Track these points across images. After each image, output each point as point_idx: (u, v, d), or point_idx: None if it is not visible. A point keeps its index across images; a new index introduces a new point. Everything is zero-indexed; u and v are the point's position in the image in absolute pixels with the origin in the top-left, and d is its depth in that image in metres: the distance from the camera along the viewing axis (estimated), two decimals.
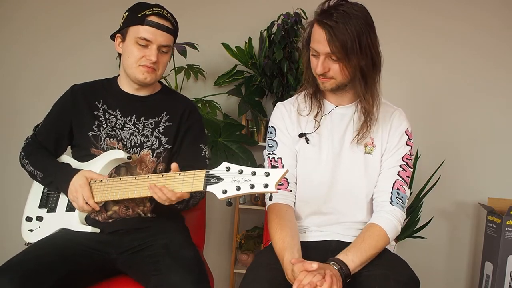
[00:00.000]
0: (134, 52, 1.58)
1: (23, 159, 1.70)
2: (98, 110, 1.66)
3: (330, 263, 1.35)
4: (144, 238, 1.58)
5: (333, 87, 1.48)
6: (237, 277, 2.83)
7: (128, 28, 1.59)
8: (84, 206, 1.54)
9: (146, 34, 1.56)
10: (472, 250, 2.90)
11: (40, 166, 1.64)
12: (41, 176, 1.63)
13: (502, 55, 2.86)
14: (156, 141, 1.65)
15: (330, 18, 1.39)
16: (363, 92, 1.47)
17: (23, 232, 1.66)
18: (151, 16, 1.57)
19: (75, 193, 1.54)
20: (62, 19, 2.91)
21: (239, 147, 2.65)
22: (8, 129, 2.87)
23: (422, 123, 2.84)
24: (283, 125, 1.58)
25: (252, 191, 1.25)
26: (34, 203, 1.68)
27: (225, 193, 1.27)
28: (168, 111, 1.69)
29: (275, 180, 1.23)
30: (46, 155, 1.68)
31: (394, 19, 2.85)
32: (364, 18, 1.41)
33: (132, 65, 1.60)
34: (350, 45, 1.38)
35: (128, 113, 1.66)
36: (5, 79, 2.93)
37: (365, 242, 1.41)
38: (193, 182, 1.36)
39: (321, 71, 1.45)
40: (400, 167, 1.52)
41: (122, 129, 1.64)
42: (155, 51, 1.57)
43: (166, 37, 1.59)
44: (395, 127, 1.55)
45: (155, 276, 1.43)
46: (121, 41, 1.64)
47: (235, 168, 1.28)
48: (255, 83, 2.75)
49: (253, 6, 2.90)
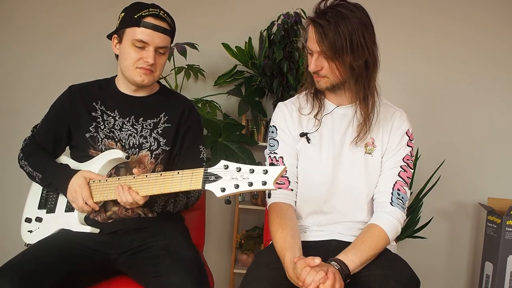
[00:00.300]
0: (131, 54, 1.57)
1: (21, 160, 1.69)
2: (96, 111, 1.65)
3: (331, 262, 1.35)
4: (143, 238, 1.58)
5: (328, 86, 1.49)
6: (237, 277, 2.83)
7: (125, 29, 1.58)
8: (83, 206, 1.54)
9: (143, 36, 1.55)
10: (472, 250, 2.90)
11: (39, 167, 1.64)
12: (40, 177, 1.63)
13: (502, 55, 2.87)
14: (154, 142, 1.64)
15: (323, 18, 1.40)
16: (359, 93, 1.48)
17: (23, 233, 1.66)
18: (148, 17, 1.55)
19: (74, 193, 1.54)
20: (62, 19, 2.91)
21: (239, 147, 2.65)
22: (8, 129, 2.87)
23: (422, 123, 2.84)
24: (284, 124, 1.58)
25: (251, 188, 1.25)
26: (33, 204, 1.68)
27: (224, 191, 1.27)
28: (166, 111, 1.68)
29: (273, 177, 1.23)
30: (45, 156, 1.68)
31: (394, 19, 2.86)
32: (359, 18, 1.41)
33: (129, 67, 1.59)
34: (339, 45, 1.39)
35: (126, 114, 1.66)
36: (5, 79, 2.92)
37: (365, 242, 1.41)
38: (192, 181, 1.36)
39: (313, 69, 1.47)
40: (401, 168, 1.52)
41: (120, 130, 1.64)
42: (152, 53, 1.56)
43: (163, 38, 1.58)
44: (396, 127, 1.55)
45: (155, 278, 1.42)
46: (117, 42, 1.62)
47: (233, 166, 1.28)
48: (255, 83, 2.75)
49: (253, 6, 2.90)
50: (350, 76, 1.45)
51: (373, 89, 1.49)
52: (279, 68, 2.66)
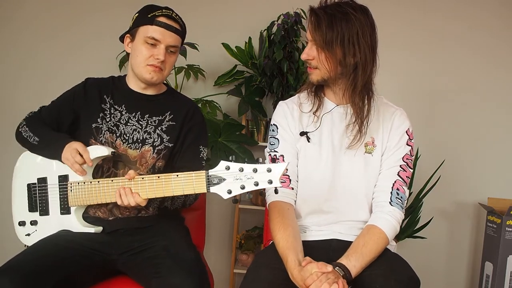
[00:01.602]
0: (143, 51, 1.62)
1: (23, 127, 1.71)
2: (105, 104, 1.69)
3: (335, 268, 1.34)
4: (144, 239, 1.58)
5: (319, 79, 1.50)
6: (237, 277, 2.83)
7: (138, 28, 1.63)
8: (77, 157, 1.55)
9: (155, 34, 1.60)
10: (472, 250, 2.90)
11: (39, 133, 1.66)
12: (38, 140, 1.65)
13: (502, 55, 2.87)
14: (158, 139, 1.67)
15: (323, 9, 1.44)
16: (351, 93, 1.48)
17: (21, 237, 1.66)
18: (161, 17, 1.61)
19: (69, 147, 1.56)
20: (62, 19, 2.91)
21: (239, 147, 2.65)
22: (7, 129, 2.86)
23: (423, 123, 2.85)
24: (285, 122, 1.58)
25: (257, 188, 1.27)
26: (22, 207, 1.67)
27: (230, 193, 1.29)
28: (172, 111, 1.72)
29: (278, 175, 1.26)
30: (47, 126, 1.69)
31: (393, 19, 2.86)
32: (359, 19, 1.42)
33: (140, 64, 1.64)
34: (330, 37, 1.41)
35: (133, 109, 1.69)
36: (5, 79, 2.93)
37: (366, 246, 1.41)
38: (195, 184, 1.37)
39: (305, 58, 1.49)
40: (400, 167, 1.52)
41: (126, 125, 1.67)
42: (163, 50, 1.61)
43: (174, 37, 1.63)
44: (396, 126, 1.55)
45: (156, 279, 1.43)
46: (130, 41, 1.67)
47: (235, 167, 1.29)
48: (255, 83, 2.75)
49: (253, 6, 2.90)
50: (340, 73, 1.46)
51: (366, 92, 1.49)
52: (279, 68, 2.66)
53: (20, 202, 1.68)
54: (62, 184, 1.61)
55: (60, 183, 1.62)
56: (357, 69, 1.46)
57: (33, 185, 1.66)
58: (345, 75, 1.47)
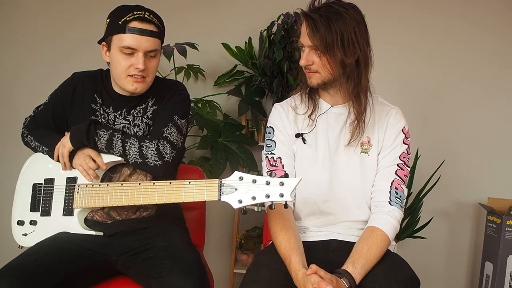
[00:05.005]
0: (121, 62, 1.52)
1: (27, 137, 1.69)
2: (96, 104, 1.64)
3: (341, 278, 1.33)
4: (143, 239, 1.57)
5: (319, 82, 1.49)
6: (237, 277, 2.83)
7: (111, 36, 1.52)
8: (91, 163, 1.53)
9: (130, 42, 1.48)
10: (472, 250, 2.90)
11: (45, 142, 1.64)
12: (47, 150, 1.63)
13: (502, 55, 2.86)
14: (146, 128, 1.63)
15: (315, 12, 1.43)
16: (351, 92, 1.48)
17: (16, 236, 1.65)
18: (132, 21, 1.48)
19: (82, 154, 1.54)
20: (61, 19, 2.91)
21: (239, 147, 2.65)
22: (7, 129, 2.87)
23: (422, 123, 2.84)
24: (281, 124, 1.58)
25: (268, 200, 1.28)
26: (23, 207, 1.66)
27: (241, 203, 1.30)
28: (154, 95, 1.64)
29: (290, 189, 1.26)
30: (48, 130, 1.67)
31: (393, 19, 2.85)
32: (352, 16, 1.43)
33: (120, 76, 1.54)
34: (330, 39, 1.40)
35: (119, 108, 1.64)
36: (4, 79, 2.92)
37: (371, 251, 1.40)
38: (206, 192, 1.36)
39: (304, 64, 1.48)
40: (398, 166, 1.52)
41: (114, 124, 1.62)
42: (141, 58, 1.50)
43: (152, 41, 1.51)
44: (391, 125, 1.54)
45: (156, 279, 1.42)
46: (107, 50, 1.57)
47: (248, 178, 1.30)
48: (255, 83, 2.75)
49: (253, 6, 2.90)
50: (342, 74, 1.46)
51: (366, 88, 1.50)
52: (279, 68, 2.66)
53: (22, 201, 1.67)
54: (69, 185, 1.60)
55: (67, 184, 1.60)
56: (359, 66, 1.46)
57: (39, 185, 1.65)
58: (346, 74, 1.46)
